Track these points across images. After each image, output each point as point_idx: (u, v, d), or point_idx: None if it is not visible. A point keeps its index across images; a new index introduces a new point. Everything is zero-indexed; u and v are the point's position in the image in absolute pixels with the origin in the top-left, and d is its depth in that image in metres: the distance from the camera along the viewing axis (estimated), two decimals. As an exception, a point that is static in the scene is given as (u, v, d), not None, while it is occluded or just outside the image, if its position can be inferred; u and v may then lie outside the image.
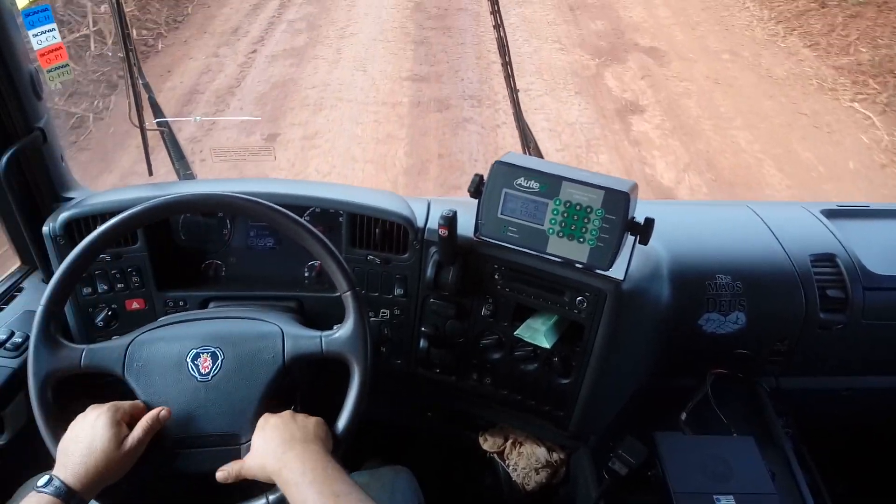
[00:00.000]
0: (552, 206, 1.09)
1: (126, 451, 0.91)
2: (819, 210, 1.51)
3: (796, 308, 1.32)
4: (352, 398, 1.00)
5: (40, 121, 1.32)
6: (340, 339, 1.01)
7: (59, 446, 0.92)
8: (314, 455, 0.88)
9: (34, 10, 1.23)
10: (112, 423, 0.92)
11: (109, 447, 0.89)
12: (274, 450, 0.90)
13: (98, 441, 0.90)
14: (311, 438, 0.92)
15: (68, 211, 1.22)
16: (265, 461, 0.90)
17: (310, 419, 0.97)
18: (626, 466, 1.19)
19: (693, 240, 1.39)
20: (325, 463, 0.87)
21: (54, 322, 0.97)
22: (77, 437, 0.91)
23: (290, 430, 0.92)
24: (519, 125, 1.44)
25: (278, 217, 1.03)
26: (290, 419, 0.95)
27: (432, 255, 1.20)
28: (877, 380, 1.47)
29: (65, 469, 0.88)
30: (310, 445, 0.90)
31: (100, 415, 0.93)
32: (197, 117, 4.29)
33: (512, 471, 1.48)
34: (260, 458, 0.91)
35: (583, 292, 1.13)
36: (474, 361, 1.29)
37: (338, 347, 1.01)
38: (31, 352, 0.96)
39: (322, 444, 0.92)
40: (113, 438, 0.90)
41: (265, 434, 0.93)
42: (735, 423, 1.30)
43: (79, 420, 0.94)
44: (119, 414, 0.94)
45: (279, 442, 0.90)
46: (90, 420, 0.92)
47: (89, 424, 0.92)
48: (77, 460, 0.88)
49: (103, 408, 0.94)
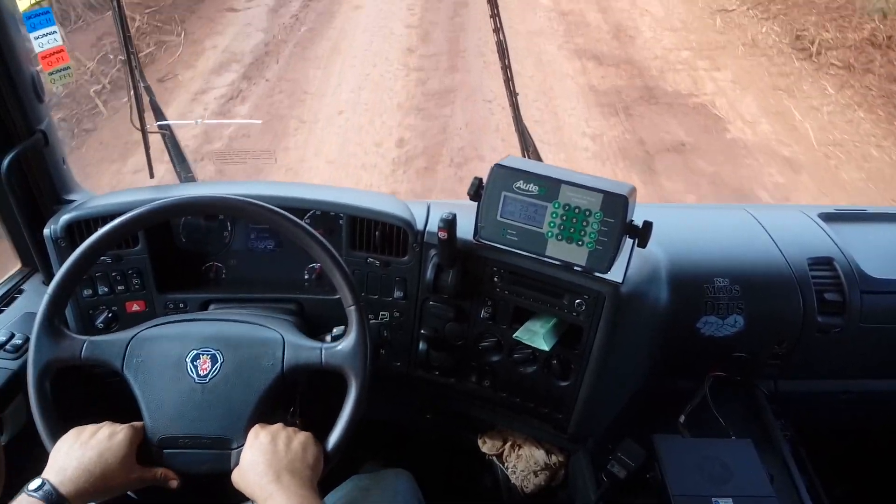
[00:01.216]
0: (551, 209, 1.10)
1: (130, 478, 0.92)
2: (816, 214, 1.51)
3: (794, 311, 1.32)
4: (346, 414, 1.00)
5: (42, 123, 1.32)
6: (341, 353, 1.01)
7: (58, 448, 0.91)
8: (299, 490, 0.87)
9: (35, 13, 1.24)
10: (130, 443, 0.93)
11: (119, 464, 0.90)
12: (261, 476, 0.89)
13: (110, 454, 0.90)
14: (297, 468, 0.91)
15: (69, 213, 1.22)
16: (252, 488, 0.90)
17: (299, 437, 0.95)
18: (625, 469, 1.19)
19: (691, 243, 1.40)
20: (311, 501, 0.87)
21: (58, 315, 0.98)
22: (86, 444, 0.91)
23: (278, 454, 0.91)
24: (518, 129, 1.44)
25: (283, 221, 1.03)
26: (282, 437, 0.94)
27: (432, 258, 1.21)
28: (874, 383, 1.47)
29: (61, 473, 0.87)
30: (296, 478, 0.89)
31: (119, 431, 0.93)
32: (198, 120, 4.30)
33: (511, 473, 1.48)
34: (247, 481, 0.91)
35: (581, 295, 1.14)
36: (473, 364, 1.29)
37: (338, 361, 1.01)
38: (33, 340, 0.96)
39: (310, 471, 0.92)
40: (125, 458, 0.91)
41: (253, 452, 0.92)
42: (733, 426, 1.31)
43: (88, 429, 0.94)
44: (137, 437, 0.94)
45: (266, 467, 0.89)
46: (105, 432, 0.93)
47: (105, 435, 0.92)
48: (80, 465, 0.88)
49: (122, 426, 0.95)
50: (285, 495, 0.86)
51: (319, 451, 0.96)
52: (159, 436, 0.96)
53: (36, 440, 0.95)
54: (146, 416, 0.97)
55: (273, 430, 0.96)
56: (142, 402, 0.98)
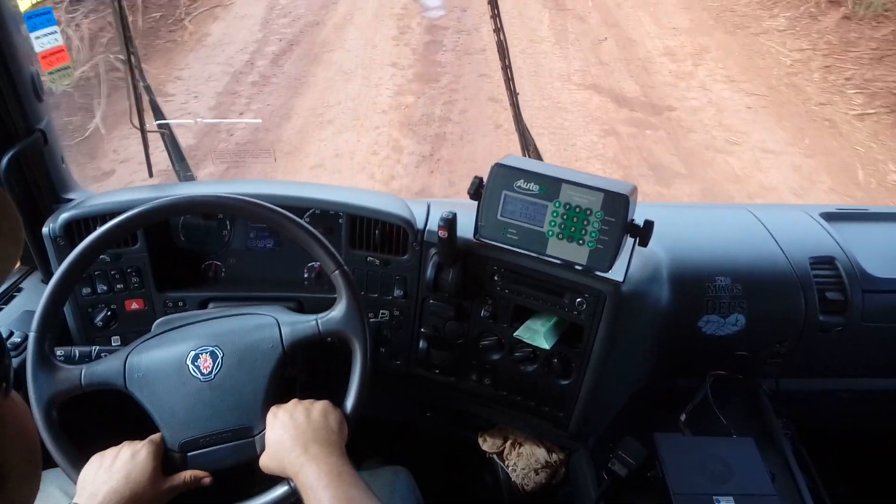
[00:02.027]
0: (552, 208, 1.10)
1: (160, 491, 0.92)
2: (818, 213, 1.51)
3: (795, 310, 1.32)
4: (356, 374, 1.01)
5: (41, 122, 1.32)
6: (336, 318, 1.02)
7: (84, 477, 0.92)
8: (329, 458, 0.88)
9: (36, 13, 1.24)
10: (154, 458, 0.93)
11: (148, 480, 0.91)
12: (289, 451, 0.90)
13: (137, 473, 0.90)
14: (323, 436, 0.91)
15: (68, 212, 1.22)
16: (283, 465, 0.90)
17: (317, 406, 0.96)
18: (626, 467, 1.19)
19: (692, 242, 1.39)
20: (340, 469, 0.87)
21: (48, 342, 0.96)
22: (111, 468, 0.91)
23: (300, 427, 0.92)
24: (518, 128, 1.44)
25: (273, 216, 1.03)
26: (300, 410, 0.95)
27: (432, 257, 1.21)
28: (876, 382, 1.47)
29: (92, 499, 0.87)
30: (324, 447, 0.90)
31: (140, 449, 0.94)
32: (197, 119, 4.30)
33: (511, 471, 1.48)
34: (277, 460, 0.92)
35: (582, 294, 1.13)
36: (474, 362, 1.29)
37: (334, 326, 1.02)
38: (30, 378, 0.95)
39: (336, 436, 0.93)
40: (153, 472, 0.92)
41: (276, 431, 0.93)
42: (734, 425, 1.30)
43: (109, 453, 0.94)
44: (158, 450, 0.95)
45: (293, 442, 0.90)
46: (127, 453, 0.93)
47: (128, 456, 0.92)
48: (110, 489, 0.88)
49: (142, 443, 0.95)
50: (315, 464, 0.86)
51: (340, 414, 0.97)
52: (179, 442, 0.96)
53: None
54: (161, 426, 0.97)
55: (289, 406, 0.97)
56: (154, 413, 0.97)
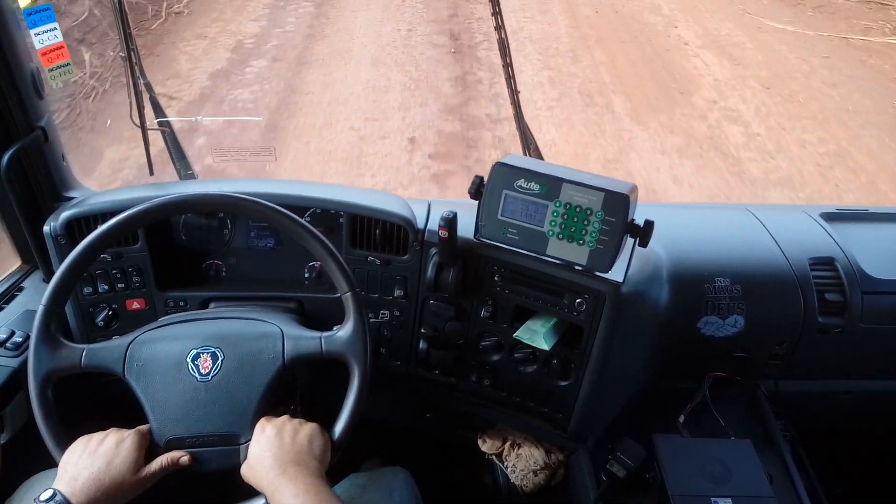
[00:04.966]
0: (552, 207, 1.10)
1: (139, 479, 0.92)
2: (818, 213, 1.51)
3: (795, 311, 1.32)
4: (350, 400, 1.00)
5: (41, 120, 1.32)
6: (340, 340, 1.01)
7: (67, 458, 0.92)
8: (307, 479, 0.88)
9: (36, 10, 1.24)
10: (137, 448, 0.93)
11: (129, 470, 0.91)
12: (268, 470, 0.90)
13: (120, 461, 0.90)
14: (303, 459, 0.91)
15: (69, 210, 1.22)
16: (260, 480, 0.90)
17: (305, 429, 0.96)
18: (625, 468, 1.19)
19: (692, 243, 1.39)
20: (318, 488, 0.87)
21: (55, 321, 0.97)
22: (95, 453, 0.91)
23: (284, 447, 0.92)
24: (519, 126, 1.44)
25: (279, 217, 1.03)
26: (287, 430, 0.95)
27: (432, 257, 1.21)
28: (875, 383, 1.47)
29: (72, 483, 0.87)
30: (302, 469, 0.89)
31: (126, 438, 0.94)
32: (197, 117, 4.29)
33: (510, 472, 1.48)
34: (255, 475, 0.92)
35: (582, 294, 1.13)
36: (473, 363, 1.29)
37: (338, 347, 1.01)
38: (32, 351, 0.96)
39: (317, 462, 0.92)
40: (134, 463, 0.91)
41: (260, 446, 0.93)
42: (733, 426, 1.31)
43: (95, 438, 0.94)
44: (144, 441, 0.95)
45: (273, 461, 0.90)
46: (113, 440, 0.93)
47: (113, 443, 0.92)
48: (90, 475, 0.88)
49: (128, 432, 0.95)
50: (292, 486, 0.86)
51: (326, 441, 0.97)
52: (166, 437, 0.96)
53: (37, 439, 0.95)
54: (151, 418, 0.97)
55: (279, 422, 0.96)
56: (146, 405, 0.98)
